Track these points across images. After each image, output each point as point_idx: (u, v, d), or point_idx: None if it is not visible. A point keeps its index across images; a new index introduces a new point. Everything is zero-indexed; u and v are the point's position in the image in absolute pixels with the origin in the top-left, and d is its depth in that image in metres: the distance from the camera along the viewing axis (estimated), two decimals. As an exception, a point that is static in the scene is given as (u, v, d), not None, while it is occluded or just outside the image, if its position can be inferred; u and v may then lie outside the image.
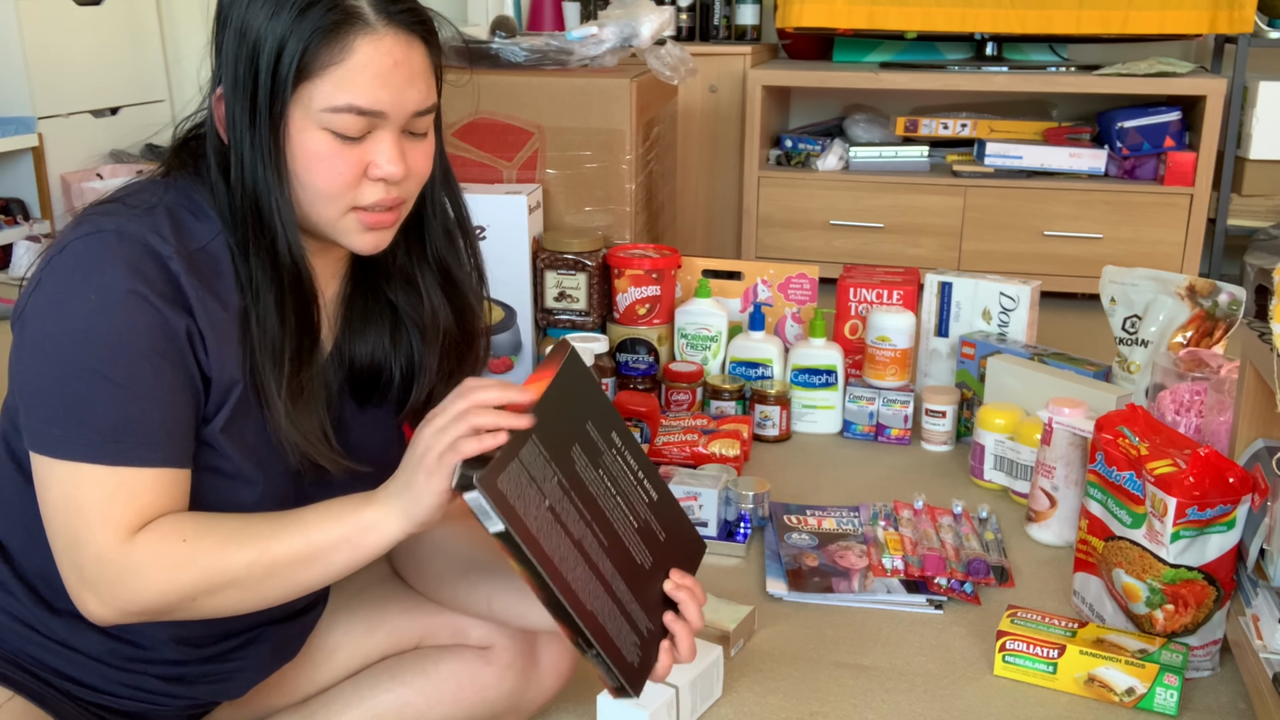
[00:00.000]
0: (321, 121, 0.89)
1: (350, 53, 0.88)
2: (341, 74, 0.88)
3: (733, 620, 1.45)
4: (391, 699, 1.14)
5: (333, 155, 0.90)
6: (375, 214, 0.93)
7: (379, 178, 0.92)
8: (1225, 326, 1.90)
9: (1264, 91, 2.92)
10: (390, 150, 0.91)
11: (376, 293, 1.04)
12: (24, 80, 2.96)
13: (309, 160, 0.90)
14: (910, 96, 3.40)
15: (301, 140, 0.90)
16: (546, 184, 2.34)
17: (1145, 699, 1.32)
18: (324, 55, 0.88)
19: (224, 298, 0.91)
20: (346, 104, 0.88)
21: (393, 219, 0.95)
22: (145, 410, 0.86)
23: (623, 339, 2.26)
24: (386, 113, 0.90)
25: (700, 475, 1.75)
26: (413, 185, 0.96)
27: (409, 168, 0.94)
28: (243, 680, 1.07)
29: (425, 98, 0.93)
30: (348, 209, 0.93)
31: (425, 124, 0.95)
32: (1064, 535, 1.73)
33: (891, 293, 2.19)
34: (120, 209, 0.90)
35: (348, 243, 0.95)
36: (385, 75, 0.89)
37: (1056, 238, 3.00)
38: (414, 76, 0.91)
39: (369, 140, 0.91)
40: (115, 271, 0.85)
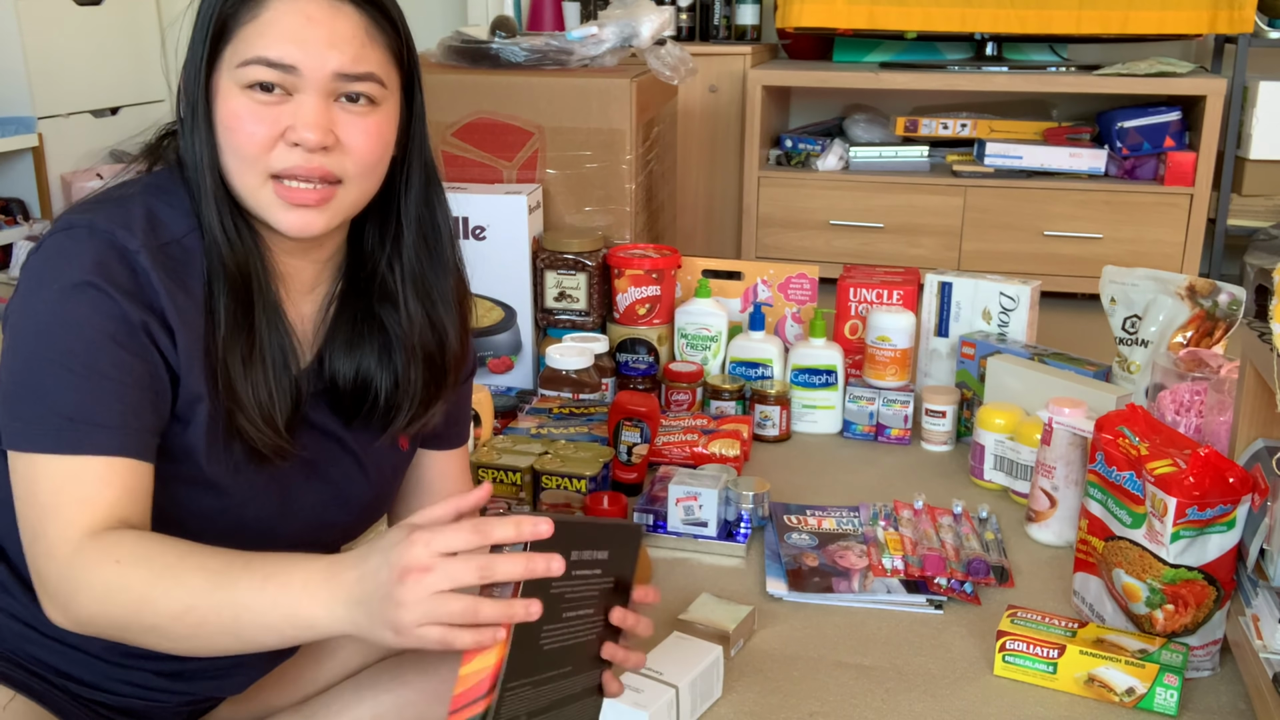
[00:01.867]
0: (237, 79, 0.89)
1: (264, 8, 0.88)
2: (254, 29, 0.88)
3: (733, 620, 1.45)
4: (392, 699, 1.14)
5: (248, 114, 0.89)
6: (296, 189, 0.90)
7: (294, 141, 0.89)
8: (1225, 326, 1.90)
9: (1264, 91, 2.92)
10: (309, 114, 0.89)
11: (369, 312, 1.02)
12: (24, 80, 2.96)
13: (228, 121, 0.89)
14: (910, 96, 3.40)
15: (224, 105, 0.90)
16: (546, 184, 2.34)
17: (1145, 699, 1.32)
18: (241, 15, 0.89)
19: (192, 289, 0.91)
20: (255, 55, 0.88)
21: (317, 198, 0.91)
22: (99, 398, 0.85)
23: (623, 339, 2.26)
24: (297, 67, 0.88)
25: (700, 475, 1.75)
26: (349, 164, 0.92)
27: (340, 141, 0.91)
28: (242, 676, 1.07)
29: (351, 62, 0.90)
30: (265, 176, 0.90)
31: (363, 91, 0.91)
32: (1064, 535, 1.73)
33: (891, 293, 2.19)
34: (96, 205, 0.90)
35: (272, 219, 0.92)
36: (297, 29, 0.88)
37: (1056, 238, 3.00)
38: (337, 38, 0.89)
39: (290, 102, 0.89)
40: (78, 265, 0.86)
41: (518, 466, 1.80)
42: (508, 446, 1.88)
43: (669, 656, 1.30)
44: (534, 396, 2.19)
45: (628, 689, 1.22)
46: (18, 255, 2.92)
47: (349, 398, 1.02)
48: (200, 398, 0.91)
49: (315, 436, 1.00)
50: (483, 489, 0.85)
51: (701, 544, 1.71)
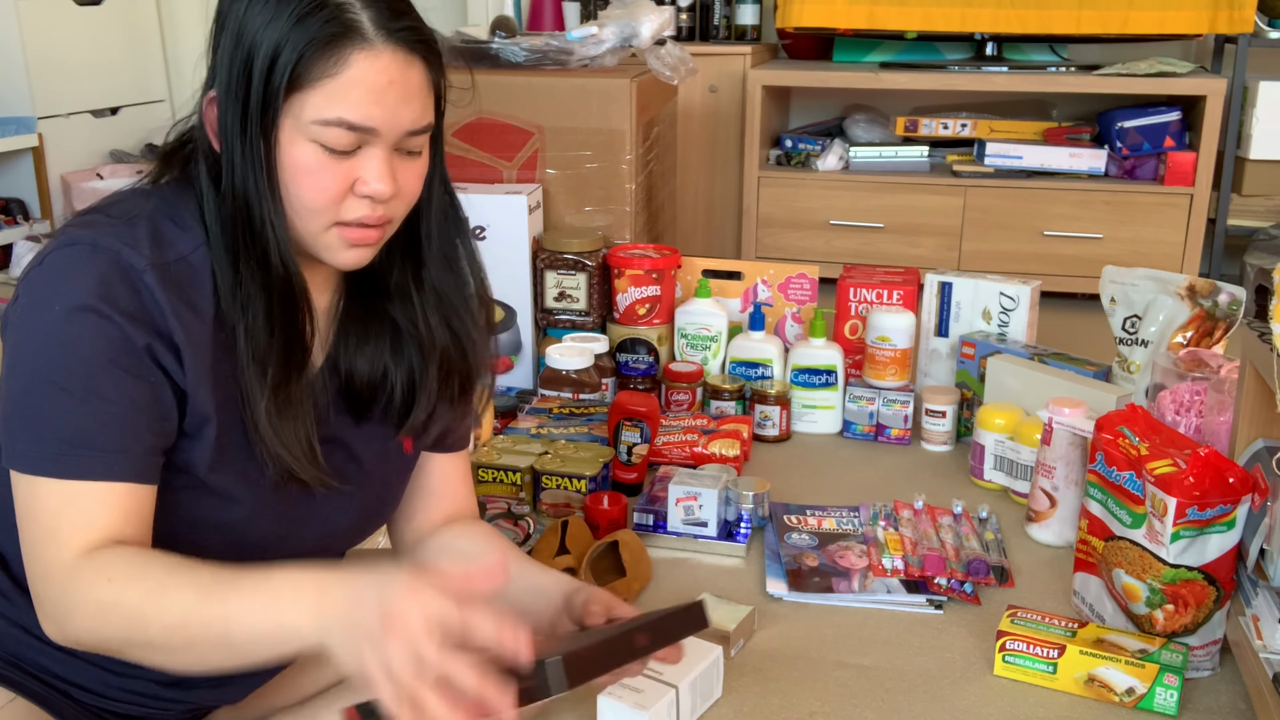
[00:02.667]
0: (311, 134, 0.88)
1: (345, 66, 0.87)
2: (334, 87, 0.87)
3: (733, 620, 1.45)
4: None
5: (320, 169, 0.89)
6: (359, 230, 0.92)
7: (365, 195, 0.91)
8: (1225, 326, 1.90)
9: (1264, 91, 2.92)
10: (380, 168, 0.90)
11: (376, 308, 1.03)
12: (24, 80, 2.96)
13: (296, 172, 0.89)
14: (910, 96, 3.40)
15: (290, 151, 0.89)
16: (546, 184, 2.34)
17: (1145, 699, 1.32)
18: (318, 67, 0.87)
19: (200, 308, 0.90)
20: (337, 118, 0.87)
21: (376, 236, 0.94)
22: (100, 422, 0.85)
23: (623, 339, 2.26)
24: (378, 129, 0.89)
25: (700, 475, 1.75)
26: (400, 205, 0.95)
27: (399, 187, 0.93)
28: (242, 685, 1.07)
29: (419, 117, 0.92)
30: (331, 224, 0.92)
31: (419, 144, 0.94)
32: (1064, 535, 1.73)
33: (891, 293, 2.19)
34: (100, 219, 0.89)
35: (329, 258, 0.94)
36: (379, 92, 0.88)
37: (1056, 238, 3.00)
38: (409, 95, 0.90)
39: (358, 156, 0.90)
40: (81, 285, 0.85)
41: (518, 466, 1.80)
42: (508, 446, 1.88)
43: None
44: (534, 396, 2.19)
45: (628, 689, 1.22)
46: (18, 255, 2.92)
47: (365, 393, 1.02)
48: (209, 419, 0.91)
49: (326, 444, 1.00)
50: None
51: (701, 544, 1.71)
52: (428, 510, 1.17)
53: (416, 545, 1.17)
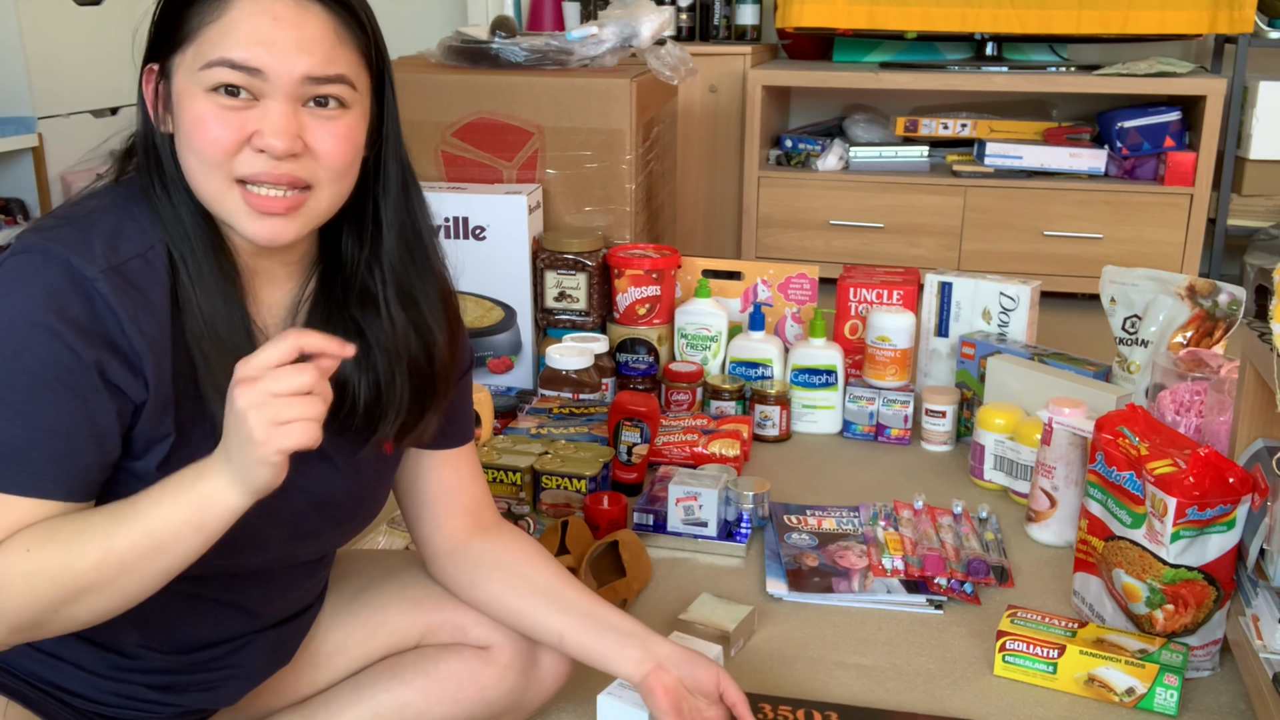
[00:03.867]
0: (200, 82, 0.86)
1: (227, 8, 0.85)
2: (216, 30, 0.85)
3: (733, 620, 1.45)
4: (391, 698, 1.14)
5: (213, 119, 0.86)
6: (263, 196, 0.87)
7: (260, 147, 0.86)
8: (1225, 326, 1.90)
9: (1264, 91, 2.92)
10: (276, 120, 0.86)
11: (342, 312, 0.98)
12: (24, 80, 2.96)
13: (191, 126, 0.87)
14: (910, 96, 3.40)
15: (187, 108, 0.87)
16: (546, 184, 2.34)
17: (1145, 699, 1.32)
18: (204, 14, 0.86)
19: (156, 306, 0.88)
20: (219, 57, 0.85)
21: (286, 205, 0.88)
22: (35, 438, 0.84)
23: (623, 339, 2.26)
24: (263, 70, 0.85)
25: (700, 475, 1.75)
26: (320, 172, 0.90)
27: (309, 147, 0.88)
28: (234, 688, 1.06)
29: (320, 65, 0.87)
30: (230, 181, 0.87)
31: (333, 93, 0.89)
32: (1064, 535, 1.73)
33: (891, 293, 2.19)
34: (57, 223, 0.88)
35: (240, 228, 0.89)
36: (263, 31, 0.85)
37: (1056, 238, 2.99)
38: (304, 40, 0.86)
39: (257, 107, 0.86)
40: (30, 296, 0.83)
41: (518, 466, 1.80)
42: (508, 446, 1.88)
43: None
44: (534, 396, 2.18)
45: (628, 689, 1.22)
46: (18, 255, 2.92)
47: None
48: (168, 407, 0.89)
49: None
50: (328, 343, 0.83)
51: (701, 544, 1.71)
52: (450, 510, 1.14)
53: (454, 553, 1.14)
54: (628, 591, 1.54)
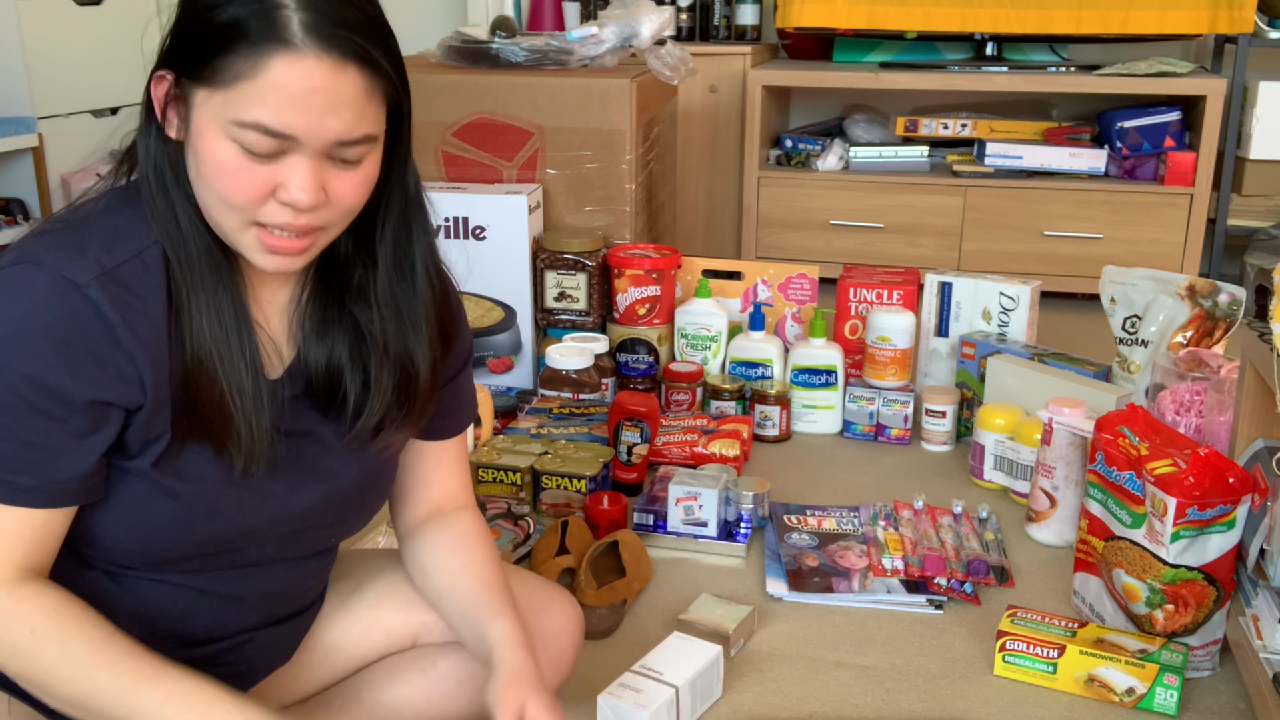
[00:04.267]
0: (230, 134, 0.85)
1: (264, 70, 0.83)
2: (253, 90, 0.83)
3: (733, 620, 1.45)
4: (390, 697, 1.14)
5: (239, 170, 0.86)
6: (280, 238, 0.89)
7: (286, 202, 0.87)
8: (1225, 326, 1.90)
9: (1264, 91, 2.92)
10: (304, 177, 0.86)
11: (339, 303, 1.00)
12: (24, 80, 2.96)
13: (214, 167, 0.86)
14: (910, 96, 3.40)
15: (211, 146, 0.86)
16: (546, 184, 2.34)
17: (1145, 699, 1.32)
18: (238, 65, 0.83)
19: (152, 308, 0.88)
20: (254, 121, 0.84)
21: (302, 247, 0.90)
22: (16, 450, 0.85)
23: (623, 339, 2.26)
24: (298, 138, 0.85)
25: (700, 475, 1.75)
26: (334, 216, 0.91)
27: (329, 197, 0.89)
28: (235, 685, 1.07)
29: (352, 128, 0.86)
30: (249, 223, 0.88)
31: (357, 154, 0.89)
32: (1064, 535, 1.73)
33: (891, 293, 2.19)
34: (54, 227, 0.89)
35: (250, 259, 0.91)
36: (301, 99, 0.83)
37: (1056, 238, 2.99)
38: (338, 104, 0.85)
39: (283, 162, 0.86)
40: (19, 309, 0.84)
41: (518, 466, 1.80)
42: (508, 446, 1.88)
43: (669, 656, 1.29)
44: (534, 396, 2.19)
45: (628, 689, 1.22)
46: (18, 255, 2.92)
47: (322, 391, 1.00)
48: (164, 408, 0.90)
49: (296, 438, 1.00)
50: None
51: (701, 544, 1.71)
52: (418, 499, 1.16)
53: (407, 537, 1.16)
54: (628, 591, 1.54)
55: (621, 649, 1.45)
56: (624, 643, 1.47)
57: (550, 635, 1.17)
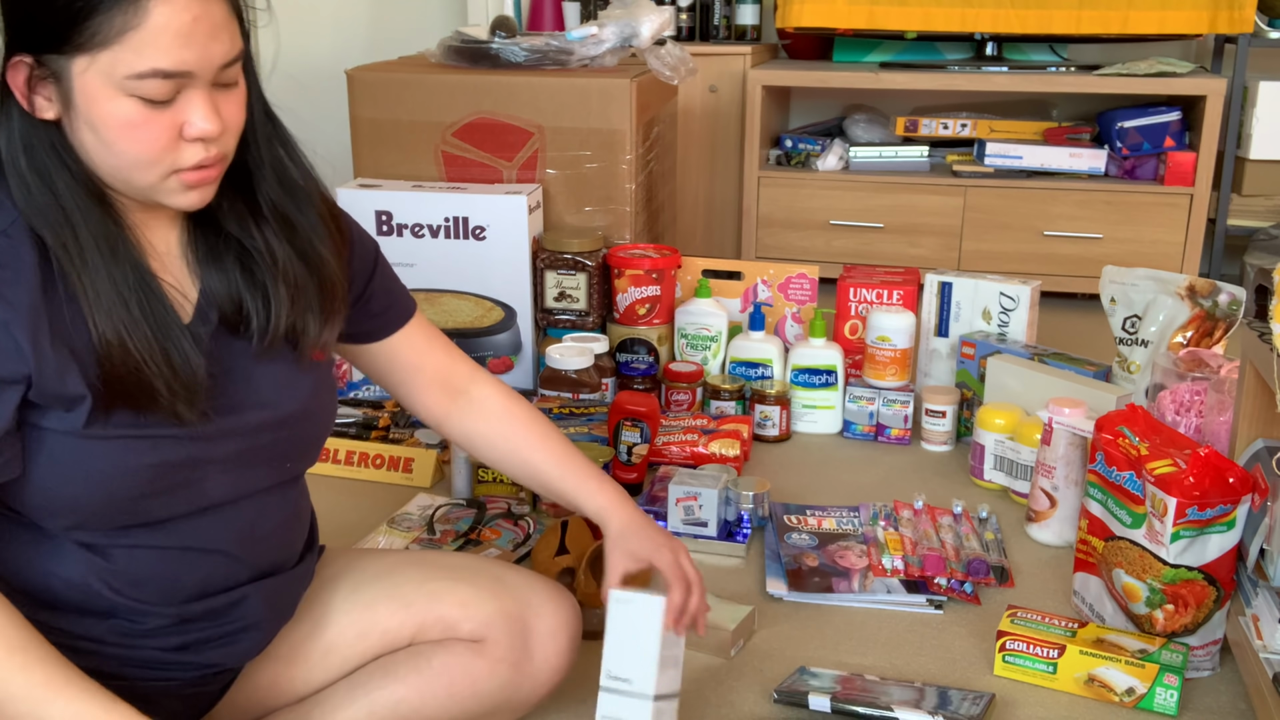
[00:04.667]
0: (127, 89, 0.87)
1: (147, 15, 0.85)
2: (140, 38, 0.85)
3: (733, 620, 1.45)
4: (386, 695, 1.14)
5: (145, 122, 0.88)
6: (197, 173, 0.92)
7: (195, 137, 0.90)
8: (1225, 326, 1.90)
9: (1264, 91, 2.92)
10: (203, 108, 0.90)
11: (220, 230, 1.01)
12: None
13: (119, 129, 0.88)
14: (910, 96, 3.40)
15: (107, 108, 0.87)
16: (546, 184, 2.34)
17: (1145, 699, 1.32)
18: (118, 20, 0.85)
19: (25, 275, 0.89)
20: (151, 69, 0.86)
21: (215, 174, 0.94)
22: None
23: (623, 339, 2.27)
24: (193, 71, 0.88)
25: (700, 475, 1.75)
26: (230, 139, 0.95)
27: (224, 122, 0.92)
28: (250, 640, 1.08)
29: (230, 48, 0.90)
30: (168, 173, 0.91)
31: (234, 74, 0.93)
32: (1064, 535, 1.73)
33: (891, 293, 2.19)
34: None
35: (170, 203, 0.94)
36: (187, 34, 0.86)
37: (1056, 238, 3.00)
38: (216, 29, 0.89)
39: (179, 101, 0.89)
40: None
41: (518, 466, 1.80)
42: (508, 446, 1.87)
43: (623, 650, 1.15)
44: (534, 396, 2.19)
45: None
46: None
47: (232, 317, 1.01)
48: (68, 370, 0.90)
49: (224, 371, 1.00)
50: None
51: (701, 544, 1.71)
52: (420, 386, 1.23)
53: (446, 426, 1.25)
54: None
55: (621, 649, 1.45)
56: (624, 643, 1.47)
57: (548, 632, 1.17)
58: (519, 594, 1.19)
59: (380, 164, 2.39)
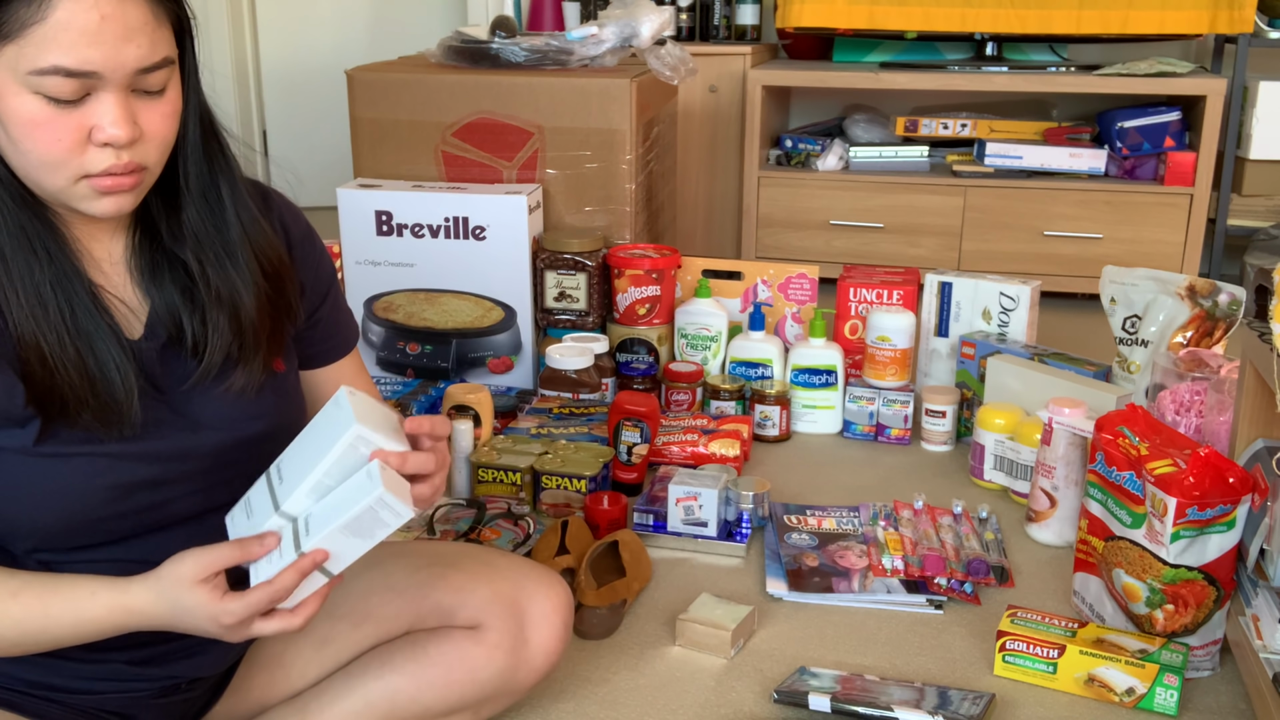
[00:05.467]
0: (31, 85, 0.84)
1: (50, 9, 0.82)
2: (43, 33, 0.82)
3: (733, 620, 1.45)
4: (382, 686, 1.14)
5: (49, 121, 0.85)
6: (109, 179, 0.88)
7: (104, 142, 0.87)
8: (1225, 326, 1.90)
9: (1264, 91, 2.91)
10: (114, 112, 0.86)
11: (167, 255, 0.99)
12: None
13: (24, 127, 0.85)
14: (910, 96, 3.40)
15: (12, 104, 0.85)
16: (546, 184, 2.34)
17: (1145, 699, 1.32)
18: (22, 13, 0.82)
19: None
20: (52, 65, 0.83)
21: (132, 183, 0.90)
22: None
23: (623, 339, 2.26)
24: (99, 72, 0.84)
25: (700, 475, 1.75)
26: (152, 149, 0.91)
27: (142, 129, 0.89)
28: (216, 651, 1.06)
29: (148, 53, 0.86)
30: (77, 177, 0.88)
31: (158, 81, 0.89)
32: (1064, 535, 1.73)
33: (891, 293, 2.19)
34: None
35: (85, 208, 0.90)
36: (93, 32, 0.83)
37: (1056, 238, 2.99)
38: (130, 31, 0.85)
39: (89, 103, 0.86)
40: None
41: (518, 466, 1.80)
42: (508, 446, 1.88)
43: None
44: (534, 396, 2.19)
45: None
46: None
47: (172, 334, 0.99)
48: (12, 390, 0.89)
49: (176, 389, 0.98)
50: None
51: (701, 544, 1.71)
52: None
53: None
54: (627, 591, 1.54)
55: (621, 649, 1.46)
56: (624, 643, 1.47)
57: (540, 617, 1.17)
58: (511, 576, 1.18)
59: (380, 164, 2.39)
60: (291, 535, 0.91)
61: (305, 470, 0.92)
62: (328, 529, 0.89)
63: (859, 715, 1.26)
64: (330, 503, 0.90)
